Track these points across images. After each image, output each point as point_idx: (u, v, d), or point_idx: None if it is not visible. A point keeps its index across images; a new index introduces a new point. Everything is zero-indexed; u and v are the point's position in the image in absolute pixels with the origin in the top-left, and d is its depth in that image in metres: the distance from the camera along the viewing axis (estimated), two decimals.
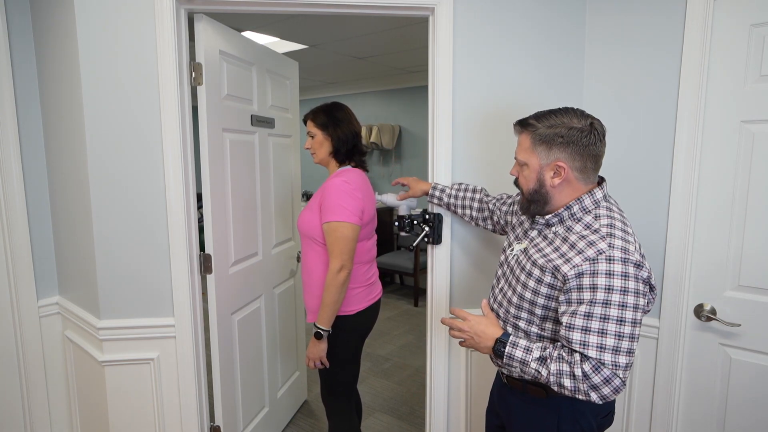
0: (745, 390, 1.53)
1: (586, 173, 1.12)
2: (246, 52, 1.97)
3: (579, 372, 0.99)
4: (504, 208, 1.53)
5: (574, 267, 1.04)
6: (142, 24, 1.54)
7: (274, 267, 2.30)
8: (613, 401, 1.23)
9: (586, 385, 0.99)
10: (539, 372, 1.06)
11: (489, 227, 1.62)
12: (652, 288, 1.07)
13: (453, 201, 1.65)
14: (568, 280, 1.04)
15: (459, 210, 1.65)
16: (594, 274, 1.01)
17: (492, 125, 1.72)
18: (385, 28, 3.26)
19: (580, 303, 1.02)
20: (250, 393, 2.12)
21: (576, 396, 1.01)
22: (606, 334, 0.99)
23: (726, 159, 1.50)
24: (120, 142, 1.58)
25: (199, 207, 1.83)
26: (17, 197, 1.78)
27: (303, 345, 2.73)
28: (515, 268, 1.21)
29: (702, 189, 1.55)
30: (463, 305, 1.80)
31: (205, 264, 1.78)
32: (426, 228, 1.75)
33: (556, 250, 1.11)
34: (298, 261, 2.55)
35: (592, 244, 1.04)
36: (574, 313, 1.02)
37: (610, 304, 0.99)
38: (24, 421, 1.89)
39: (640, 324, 1.02)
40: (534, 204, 1.17)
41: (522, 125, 1.16)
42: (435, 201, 1.69)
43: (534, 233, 1.21)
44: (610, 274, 1.00)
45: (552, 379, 1.03)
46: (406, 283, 5.43)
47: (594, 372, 0.98)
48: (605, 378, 0.98)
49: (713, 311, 1.56)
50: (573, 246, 1.07)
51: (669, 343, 1.63)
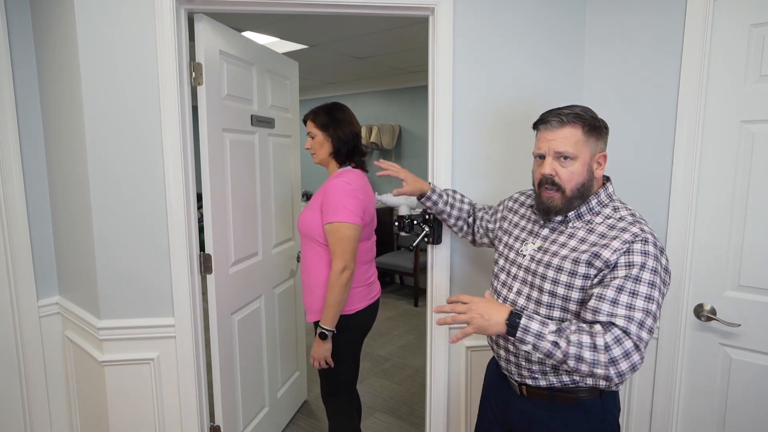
0: (745, 390, 1.53)
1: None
2: (246, 52, 1.97)
3: (601, 342, 0.97)
4: (487, 216, 1.51)
5: (614, 251, 1.06)
6: (142, 24, 1.54)
7: (274, 267, 2.30)
8: (619, 396, 1.23)
9: (606, 357, 0.97)
10: (556, 344, 0.99)
11: (469, 237, 1.59)
12: (670, 276, 1.11)
13: (448, 209, 1.57)
14: (609, 264, 1.06)
15: (452, 220, 1.58)
16: (629, 252, 1.05)
17: (492, 125, 1.72)
18: (385, 28, 3.26)
19: (613, 278, 1.04)
20: (250, 393, 2.12)
21: (594, 371, 0.97)
22: (634, 308, 1.00)
23: (726, 159, 1.50)
24: (120, 142, 1.58)
25: (199, 207, 1.83)
26: (17, 197, 1.78)
27: (303, 345, 2.73)
28: (536, 268, 1.17)
29: (702, 189, 1.55)
30: None
31: (205, 264, 1.78)
32: (426, 228, 1.75)
33: (582, 241, 1.12)
34: (298, 261, 2.55)
35: (624, 230, 1.08)
36: (606, 286, 1.04)
37: (640, 280, 1.02)
38: (24, 421, 1.89)
39: (660, 307, 1.05)
40: (577, 200, 1.14)
41: (565, 116, 1.11)
42: (429, 204, 1.58)
43: (546, 231, 1.21)
44: (645, 253, 1.04)
45: (571, 351, 0.98)
46: (406, 283, 5.43)
47: (616, 343, 0.97)
48: (626, 351, 0.97)
49: (713, 311, 1.56)
50: (604, 235, 1.10)
51: (669, 343, 1.63)
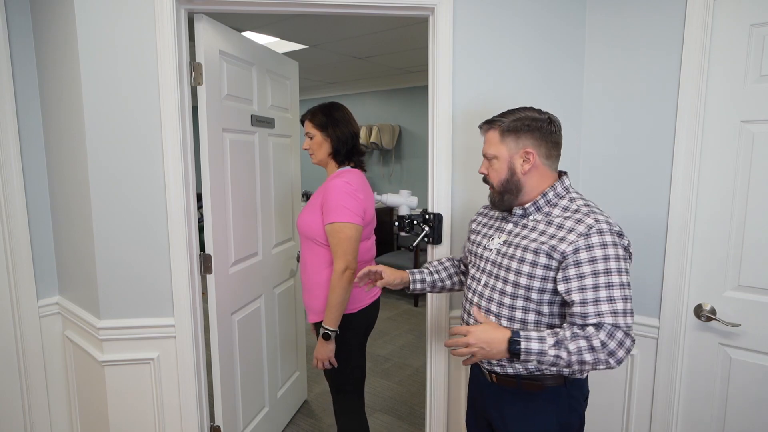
0: (746, 390, 1.53)
1: (551, 160, 1.23)
2: (246, 52, 1.97)
3: (597, 343, 1.06)
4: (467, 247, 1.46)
5: (570, 244, 1.11)
6: (142, 24, 1.54)
7: (274, 267, 2.30)
8: (588, 383, 1.31)
9: (604, 354, 1.05)
10: (559, 356, 1.07)
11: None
12: (631, 256, 1.18)
13: (437, 277, 1.51)
14: (566, 256, 1.12)
15: (448, 282, 1.52)
16: (589, 247, 1.10)
17: None
18: (385, 28, 3.26)
19: (581, 277, 1.10)
20: (250, 393, 2.12)
21: (597, 367, 1.07)
22: (615, 300, 1.08)
23: (726, 159, 1.50)
24: (120, 141, 1.58)
25: (199, 207, 1.83)
26: (17, 197, 1.78)
27: (303, 345, 2.73)
28: (501, 260, 1.23)
29: (702, 189, 1.55)
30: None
31: (205, 264, 1.78)
32: (426, 228, 1.75)
33: (542, 233, 1.18)
34: (298, 261, 2.55)
35: (579, 221, 1.14)
36: (582, 290, 1.10)
37: (610, 272, 1.09)
38: (24, 421, 1.89)
39: (630, 287, 1.13)
40: (507, 194, 1.24)
41: (488, 123, 1.26)
42: (418, 286, 1.50)
43: (510, 225, 1.27)
44: (603, 245, 1.10)
45: (574, 359, 1.06)
46: None
47: (609, 338, 1.06)
48: (619, 341, 1.06)
49: (713, 311, 1.56)
50: (561, 227, 1.16)
51: (669, 343, 1.63)
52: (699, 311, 1.58)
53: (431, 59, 1.70)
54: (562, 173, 1.26)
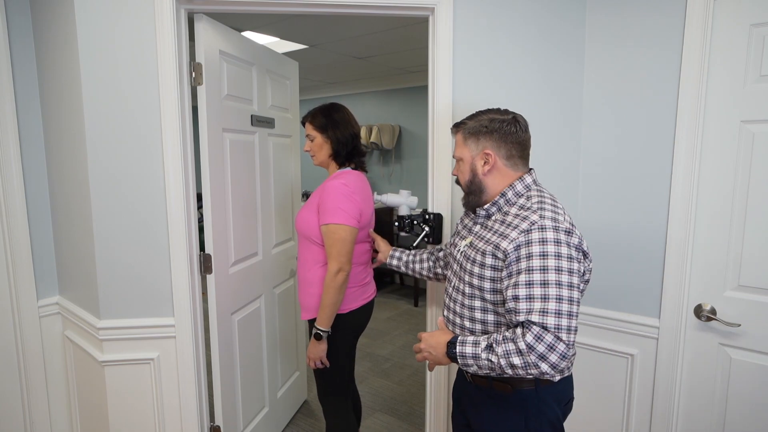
0: (746, 390, 1.53)
1: (512, 160, 1.22)
2: (246, 52, 1.97)
3: (523, 345, 1.01)
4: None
5: (511, 241, 1.10)
6: (142, 24, 1.54)
7: (274, 267, 2.30)
8: (571, 387, 1.27)
9: (533, 357, 1.00)
10: (491, 360, 1.06)
11: (439, 270, 1.62)
12: (585, 255, 1.14)
13: (411, 257, 1.68)
14: (508, 254, 1.10)
15: (417, 265, 1.66)
16: (528, 243, 1.07)
17: None
18: (385, 28, 3.26)
19: (518, 273, 1.07)
20: (250, 393, 2.12)
21: (529, 372, 1.02)
22: (548, 298, 1.02)
23: (726, 159, 1.50)
24: (120, 141, 1.58)
25: (199, 207, 1.83)
26: (17, 197, 1.78)
27: (303, 345, 2.73)
28: (463, 261, 1.25)
29: (702, 189, 1.55)
30: None
31: (205, 264, 1.78)
32: (426, 228, 1.75)
33: (495, 233, 1.18)
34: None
35: (524, 218, 1.12)
36: (516, 285, 1.06)
37: (546, 269, 1.04)
38: (24, 421, 1.89)
39: (578, 289, 1.06)
40: (471, 195, 1.27)
41: (456, 126, 1.29)
42: (395, 261, 1.71)
43: (477, 227, 1.27)
44: (543, 241, 1.06)
45: (503, 362, 1.04)
46: (406, 283, 5.43)
47: (537, 341, 1.01)
48: (549, 344, 1.00)
49: (713, 311, 1.56)
50: (509, 225, 1.15)
51: (669, 343, 1.63)
52: (699, 311, 1.58)
53: (431, 59, 1.70)
54: (527, 171, 1.26)
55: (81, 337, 1.80)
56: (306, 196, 5.93)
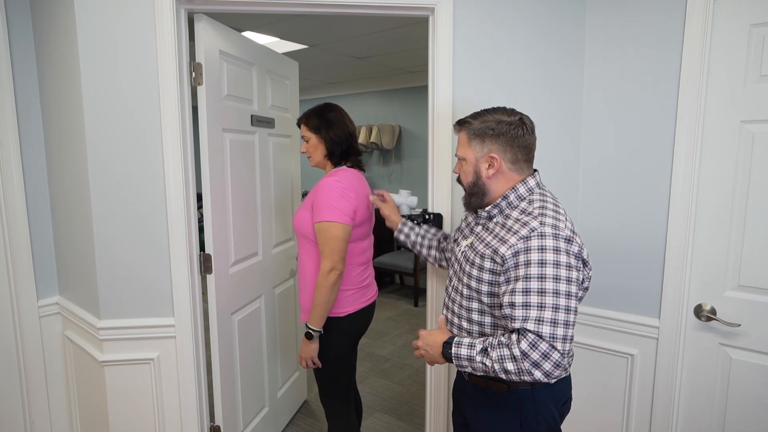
0: (746, 390, 1.53)
1: (518, 164, 1.20)
2: (246, 52, 1.97)
3: (517, 351, 1.01)
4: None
5: (510, 247, 1.09)
6: (142, 24, 1.54)
7: (273, 267, 2.30)
8: (569, 388, 1.26)
9: (527, 364, 1.00)
10: (485, 364, 1.06)
11: (444, 263, 1.61)
12: (585, 263, 1.13)
13: (420, 239, 1.63)
14: (506, 260, 1.09)
15: (424, 250, 1.62)
16: (527, 250, 1.06)
17: None
18: (385, 28, 3.26)
19: (516, 280, 1.06)
20: (250, 393, 2.12)
21: (523, 378, 1.02)
22: (544, 307, 1.02)
23: (726, 159, 1.50)
24: (120, 141, 1.58)
25: (199, 207, 1.83)
26: (17, 197, 1.78)
27: None
28: (463, 262, 1.24)
29: (702, 189, 1.55)
30: None
31: (205, 264, 1.78)
32: None
33: (495, 236, 1.16)
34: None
35: (525, 224, 1.10)
36: (513, 292, 1.06)
37: (544, 278, 1.03)
38: (24, 421, 1.89)
39: (576, 297, 1.05)
40: (474, 197, 1.25)
41: (459, 123, 1.25)
42: (402, 237, 1.66)
43: (479, 228, 1.26)
44: (542, 249, 1.05)
45: (497, 367, 1.04)
46: (406, 283, 5.43)
47: (531, 348, 1.00)
48: (543, 353, 1.00)
49: (713, 311, 1.56)
50: (509, 229, 1.13)
51: (669, 343, 1.63)
52: (699, 311, 1.58)
53: (431, 59, 1.70)
54: (531, 173, 1.24)
55: (81, 337, 1.80)
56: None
